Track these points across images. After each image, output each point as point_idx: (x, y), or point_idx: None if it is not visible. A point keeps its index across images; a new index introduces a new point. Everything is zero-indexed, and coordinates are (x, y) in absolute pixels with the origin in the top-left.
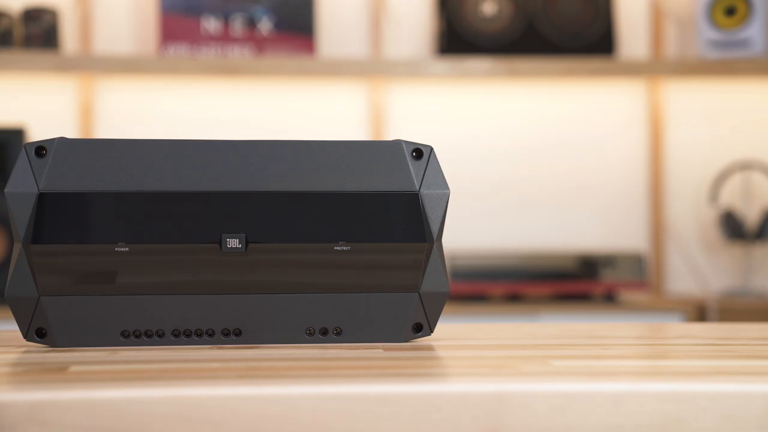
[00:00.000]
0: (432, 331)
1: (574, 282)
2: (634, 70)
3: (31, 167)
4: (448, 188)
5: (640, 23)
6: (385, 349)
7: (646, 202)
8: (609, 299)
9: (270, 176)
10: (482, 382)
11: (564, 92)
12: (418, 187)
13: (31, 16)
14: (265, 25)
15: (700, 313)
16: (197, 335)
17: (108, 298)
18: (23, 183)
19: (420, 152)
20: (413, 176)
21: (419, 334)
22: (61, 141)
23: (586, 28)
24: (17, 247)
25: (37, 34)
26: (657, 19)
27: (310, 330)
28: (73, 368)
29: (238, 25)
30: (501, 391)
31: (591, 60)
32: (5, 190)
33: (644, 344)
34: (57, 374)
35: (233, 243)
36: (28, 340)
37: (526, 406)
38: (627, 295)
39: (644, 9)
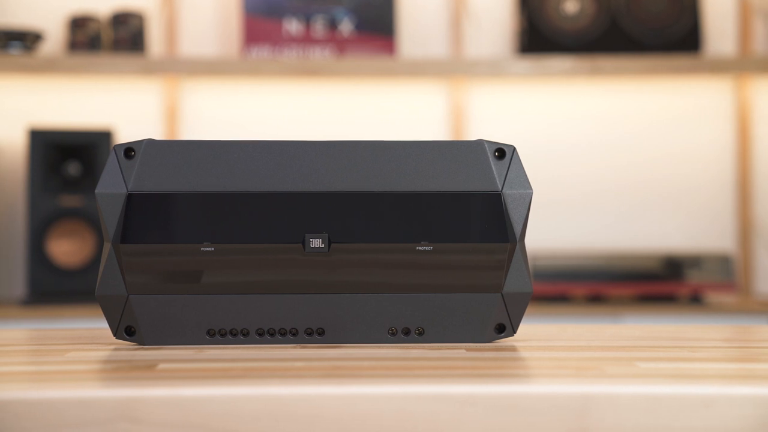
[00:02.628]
0: (515, 332)
1: (659, 283)
2: (721, 67)
3: (120, 168)
4: (531, 188)
5: (728, 19)
6: (467, 350)
7: (734, 200)
8: (695, 301)
9: (353, 177)
10: (567, 384)
11: (648, 90)
12: (500, 187)
13: (119, 20)
14: (346, 26)
15: None
16: (281, 334)
17: (194, 297)
18: (113, 184)
19: (502, 152)
20: (496, 176)
21: (502, 334)
22: (149, 142)
23: (671, 25)
24: (107, 247)
25: (125, 38)
26: (745, 14)
27: (392, 330)
28: (161, 366)
29: (319, 27)
30: (587, 393)
31: (676, 57)
32: (96, 191)
33: (732, 347)
34: (146, 372)
35: (316, 243)
36: (117, 337)
37: (612, 408)
38: (714, 297)
39: (732, 4)
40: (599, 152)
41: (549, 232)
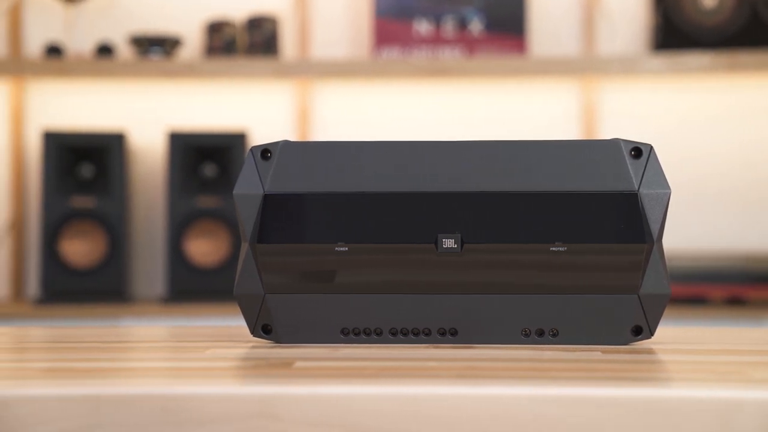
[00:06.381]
0: (652, 334)
1: None
2: None
3: (257, 169)
4: (669, 188)
5: None
6: (603, 352)
7: None
8: None
9: (485, 176)
10: (711, 388)
11: None
12: (637, 187)
13: (254, 24)
14: (475, 26)
15: None
16: (414, 334)
17: (328, 296)
18: (250, 185)
19: (639, 151)
20: (632, 175)
21: (639, 337)
22: (285, 144)
23: None
24: (244, 247)
25: (259, 42)
26: None
27: (525, 331)
28: (298, 364)
29: (449, 27)
30: (732, 398)
31: None
32: (234, 192)
33: None
34: (283, 369)
35: (449, 243)
36: (254, 335)
37: (759, 415)
38: None
39: None
40: (738, 150)
41: (686, 233)
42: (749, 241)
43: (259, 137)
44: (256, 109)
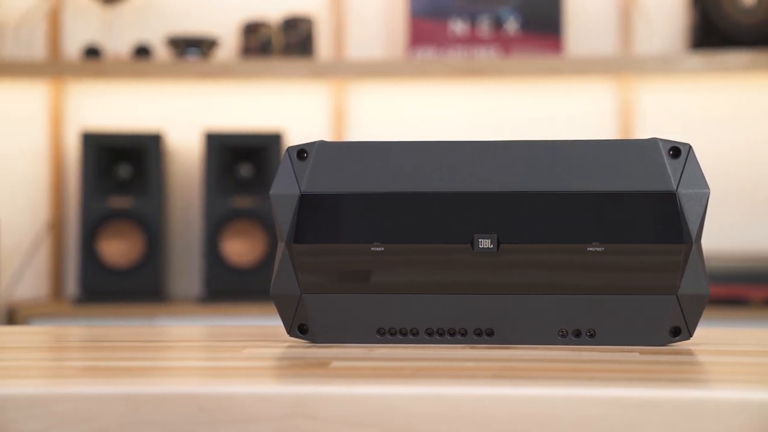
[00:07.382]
0: (691, 336)
1: None
2: None
3: (294, 169)
4: (708, 188)
5: None
6: (641, 353)
7: None
8: None
9: (522, 176)
10: (750, 390)
11: None
12: (675, 187)
13: (290, 25)
14: (511, 26)
15: None
16: (450, 334)
17: (364, 296)
18: (286, 185)
19: (678, 151)
20: (670, 175)
21: (677, 338)
22: (321, 144)
23: None
24: (281, 247)
25: (295, 42)
26: None
27: (563, 331)
28: (335, 364)
29: (484, 27)
30: None
31: None
32: (270, 192)
33: None
34: (320, 369)
35: (485, 243)
36: (290, 335)
37: None
38: None
39: None
40: None
41: (725, 233)
42: None
43: (294, 137)
44: (291, 110)
